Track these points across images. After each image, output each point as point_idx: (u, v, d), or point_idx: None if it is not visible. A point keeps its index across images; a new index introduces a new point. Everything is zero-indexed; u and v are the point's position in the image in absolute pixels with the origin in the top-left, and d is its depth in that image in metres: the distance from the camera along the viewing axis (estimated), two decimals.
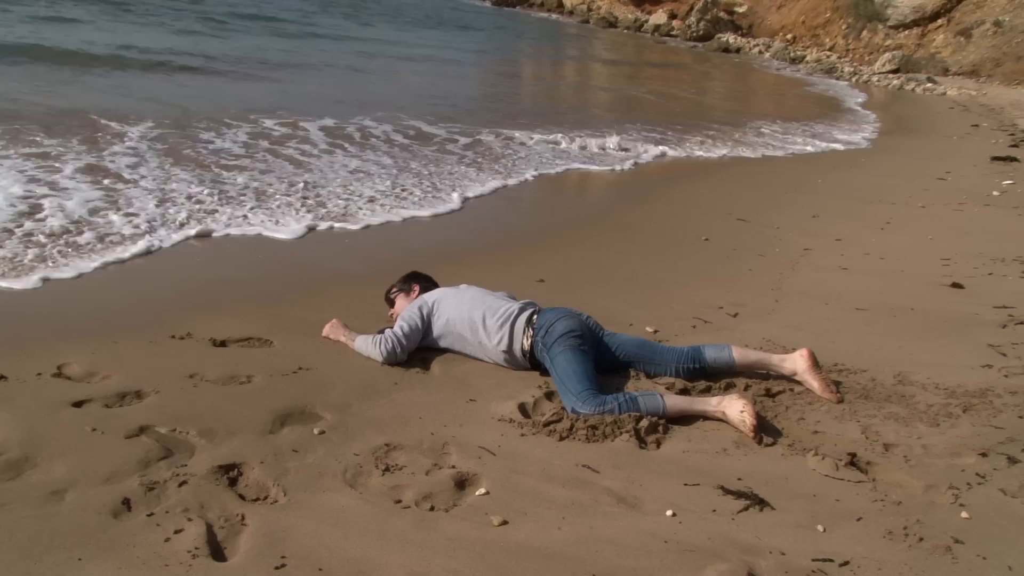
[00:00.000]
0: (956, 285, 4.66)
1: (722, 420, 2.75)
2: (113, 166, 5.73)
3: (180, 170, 5.85)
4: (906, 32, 29.24)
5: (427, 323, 3.25)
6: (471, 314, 3.18)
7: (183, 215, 4.86)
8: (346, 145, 7.46)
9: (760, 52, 31.77)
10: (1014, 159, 10.83)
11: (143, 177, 5.53)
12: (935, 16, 28.60)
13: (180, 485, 2.18)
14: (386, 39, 19.02)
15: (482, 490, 2.28)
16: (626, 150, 8.97)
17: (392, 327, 3.25)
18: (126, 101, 8.13)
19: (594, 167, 8.05)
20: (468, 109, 10.79)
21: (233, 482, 2.24)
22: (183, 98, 8.72)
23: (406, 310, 3.30)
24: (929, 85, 23.97)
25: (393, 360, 3.13)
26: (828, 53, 31.12)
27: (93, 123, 6.92)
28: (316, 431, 2.55)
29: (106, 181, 5.33)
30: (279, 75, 11.65)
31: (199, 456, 2.35)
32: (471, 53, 21.05)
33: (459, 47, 21.07)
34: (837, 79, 25.68)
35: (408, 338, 3.16)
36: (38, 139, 6.14)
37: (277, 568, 1.88)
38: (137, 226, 4.56)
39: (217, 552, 1.94)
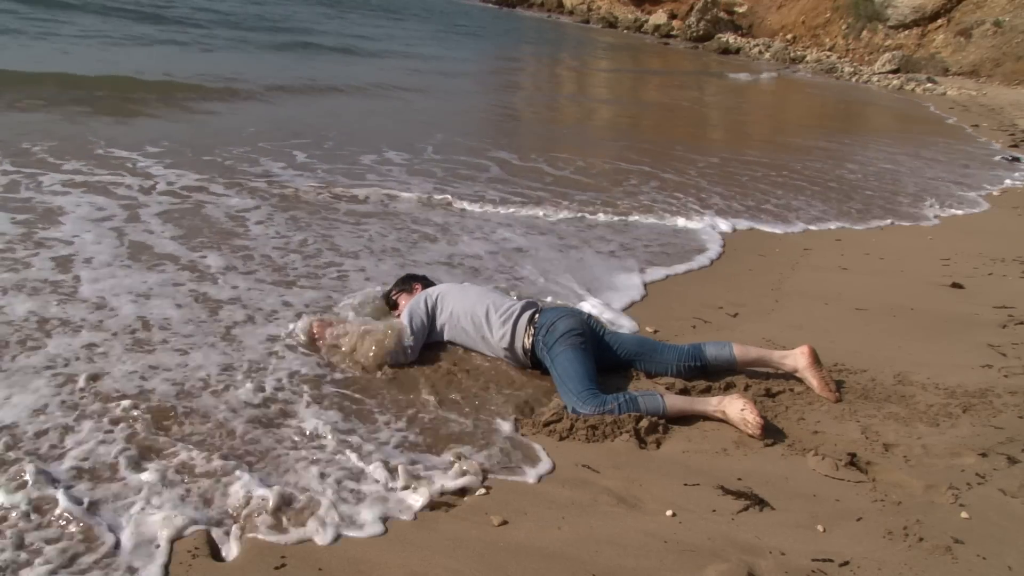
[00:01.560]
0: (956, 285, 4.66)
1: (722, 420, 2.75)
2: (257, 248, 4.00)
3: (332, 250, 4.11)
4: (906, 32, 29.25)
5: (432, 316, 3.22)
6: (475, 309, 3.17)
7: None
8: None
9: (760, 52, 31.77)
10: (1015, 159, 10.84)
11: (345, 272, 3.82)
12: (935, 16, 28.62)
13: None
14: (392, 50, 17.03)
15: (482, 490, 2.29)
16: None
17: None
18: (128, 130, 6.56)
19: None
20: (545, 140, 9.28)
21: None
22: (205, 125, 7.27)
23: (409, 305, 3.26)
24: (929, 85, 24.00)
25: (402, 361, 3.08)
26: (828, 53, 31.13)
27: (113, 159, 5.44)
28: None
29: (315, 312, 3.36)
30: (289, 99, 9.43)
31: None
32: (490, 60, 19.51)
33: (472, 58, 19.56)
34: (838, 79, 25.69)
35: (415, 336, 3.13)
36: (96, 175, 4.89)
37: (277, 568, 1.88)
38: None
39: (217, 552, 1.94)
